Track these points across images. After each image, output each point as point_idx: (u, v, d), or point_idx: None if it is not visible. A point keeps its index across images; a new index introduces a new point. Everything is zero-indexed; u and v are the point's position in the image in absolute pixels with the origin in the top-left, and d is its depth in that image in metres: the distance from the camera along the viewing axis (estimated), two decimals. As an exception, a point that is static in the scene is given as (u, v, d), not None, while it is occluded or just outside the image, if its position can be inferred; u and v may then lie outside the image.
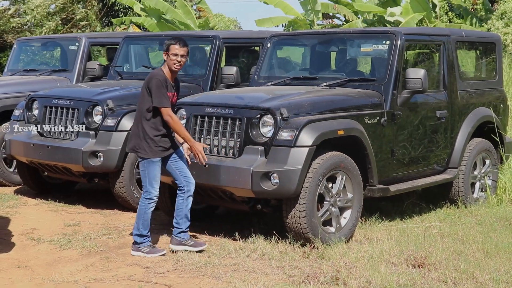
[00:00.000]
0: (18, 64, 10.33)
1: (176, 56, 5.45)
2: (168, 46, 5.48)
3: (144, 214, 5.57)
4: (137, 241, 5.59)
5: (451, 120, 7.11)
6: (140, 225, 5.58)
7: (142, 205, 5.58)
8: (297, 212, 5.57)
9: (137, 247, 5.60)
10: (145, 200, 5.57)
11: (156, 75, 5.46)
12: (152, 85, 5.41)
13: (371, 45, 6.86)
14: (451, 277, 4.92)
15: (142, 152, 5.49)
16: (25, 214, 7.15)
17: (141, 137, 5.48)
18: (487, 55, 8.08)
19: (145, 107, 5.45)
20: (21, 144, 7.52)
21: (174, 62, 5.46)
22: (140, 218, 5.58)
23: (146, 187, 5.55)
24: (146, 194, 5.56)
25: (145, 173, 5.53)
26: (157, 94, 5.39)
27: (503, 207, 7.33)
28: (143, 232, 5.59)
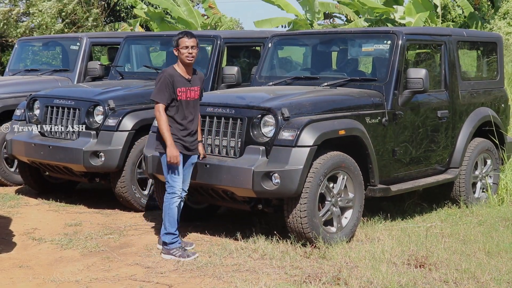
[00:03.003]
0: (20, 64, 10.34)
1: (187, 49, 5.43)
2: (177, 41, 5.47)
3: (168, 210, 5.47)
4: (166, 241, 5.46)
5: (452, 120, 7.10)
6: (166, 223, 5.48)
7: (166, 201, 5.50)
8: (298, 212, 5.57)
9: (168, 250, 5.44)
10: (168, 195, 5.49)
11: (164, 71, 5.48)
12: (156, 80, 5.48)
13: (372, 45, 6.86)
14: (453, 277, 4.91)
15: (162, 147, 5.46)
16: (26, 214, 7.15)
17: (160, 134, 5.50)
18: (488, 55, 8.08)
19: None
20: (22, 144, 7.52)
21: (186, 55, 5.43)
22: (165, 215, 5.48)
23: (168, 182, 5.50)
24: (169, 189, 5.50)
25: (166, 168, 5.49)
26: (156, 89, 5.42)
27: (504, 207, 7.32)
28: (171, 230, 5.47)
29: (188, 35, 5.49)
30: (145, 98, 7.38)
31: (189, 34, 5.51)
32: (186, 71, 5.51)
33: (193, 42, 5.47)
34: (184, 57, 5.45)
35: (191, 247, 5.68)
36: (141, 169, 7.04)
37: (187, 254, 5.44)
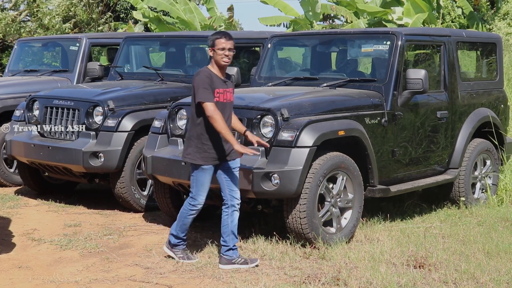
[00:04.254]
0: (19, 64, 10.33)
1: (224, 50, 5.17)
2: (213, 41, 5.18)
3: (184, 218, 5.33)
4: (171, 241, 5.41)
5: (452, 120, 7.10)
6: (178, 227, 5.37)
7: (185, 209, 5.33)
8: (297, 213, 5.57)
9: (170, 248, 5.42)
10: (189, 205, 5.31)
11: (200, 72, 5.19)
12: (195, 82, 5.13)
13: (372, 46, 6.86)
14: (452, 278, 4.91)
15: (191, 157, 5.19)
16: (25, 214, 7.15)
17: (191, 141, 5.20)
18: (487, 55, 8.08)
19: (194, 109, 5.18)
20: (21, 144, 7.52)
21: (222, 57, 5.15)
22: (180, 220, 5.35)
23: (193, 193, 5.28)
24: (192, 200, 5.28)
25: (193, 179, 5.24)
26: (200, 89, 5.07)
27: (503, 208, 7.32)
28: (179, 234, 5.38)
29: (226, 36, 5.22)
30: (144, 98, 7.40)
31: (227, 35, 5.24)
32: (221, 72, 5.23)
33: (231, 45, 5.20)
34: (220, 59, 5.16)
35: (256, 262, 5.27)
36: (141, 169, 7.03)
37: (187, 256, 5.39)
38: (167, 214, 6.75)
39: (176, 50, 8.73)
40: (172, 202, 6.60)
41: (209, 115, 5.06)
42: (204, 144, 5.15)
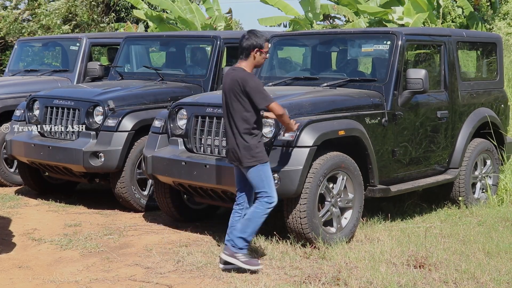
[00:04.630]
0: (19, 64, 10.34)
1: (267, 53, 5.20)
2: (263, 44, 5.07)
3: (259, 218, 5.09)
4: (239, 245, 5.08)
5: (452, 120, 7.10)
6: (250, 229, 5.10)
7: (260, 209, 5.08)
8: (298, 213, 5.57)
9: (233, 253, 5.07)
10: (267, 204, 5.07)
11: (247, 75, 5.00)
12: (251, 87, 4.95)
13: (372, 45, 6.86)
14: (452, 278, 4.91)
15: (258, 158, 5.02)
16: (26, 214, 7.15)
17: (247, 146, 5.01)
18: (488, 55, 8.08)
19: (243, 112, 5.00)
20: (22, 144, 7.52)
21: (264, 58, 5.15)
22: (253, 221, 5.09)
23: (267, 192, 5.06)
24: (268, 198, 5.07)
25: (262, 178, 5.05)
26: (263, 92, 4.97)
27: (504, 208, 7.32)
28: (248, 238, 5.14)
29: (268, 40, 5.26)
30: (145, 98, 7.39)
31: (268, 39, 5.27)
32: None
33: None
34: (263, 60, 5.15)
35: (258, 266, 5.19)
36: (141, 169, 7.03)
37: (253, 262, 5.11)
38: (167, 214, 6.75)
39: (176, 50, 8.74)
40: (172, 202, 6.60)
41: (281, 113, 5.08)
42: (260, 142, 5.11)
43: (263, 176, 5.08)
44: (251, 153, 5.03)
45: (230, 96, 5.06)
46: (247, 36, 5.11)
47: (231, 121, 5.08)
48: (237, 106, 5.02)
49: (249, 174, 5.09)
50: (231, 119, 5.08)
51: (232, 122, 5.07)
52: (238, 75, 5.03)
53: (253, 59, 5.11)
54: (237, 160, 5.10)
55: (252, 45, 5.08)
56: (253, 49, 5.07)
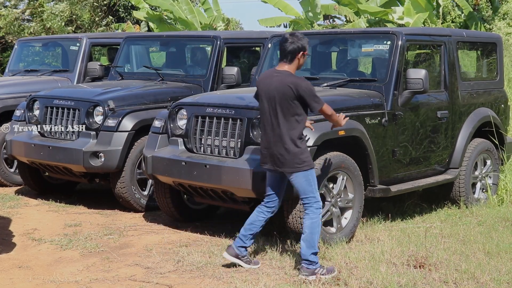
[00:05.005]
0: (19, 64, 10.34)
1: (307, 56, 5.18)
2: (306, 46, 5.03)
3: (318, 226, 4.98)
4: (314, 260, 4.93)
5: (452, 120, 7.10)
6: (316, 241, 4.96)
7: (315, 218, 4.97)
8: (298, 213, 5.57)
9: (312, 271, 4.90)
10: (318, 210, 5.00)
11: (299, 79, 4.93)
12: (305, 90, 4.86)
13: (372, 45, 6.86)
14: (452, 278, 4.91)
15: (306, 164, 4.95)
16: (26, 214, 7.15)
17: (297, 151, 4.92)
18: (488, 55, 8.08)
19: (294, 117, 4.91)
20: (22, 144, 7.52)
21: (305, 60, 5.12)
22: (315, 232, 4.95)
23: (315, 197, 5.00)
24: (317, 203, 4.99)
25: (310, 183, 4.97)
26: (316, 96, 4.90)
27: (504, 207, 7.32)
28: (317, 249, 5.00)
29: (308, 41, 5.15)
30: (145, 98, 7.39)
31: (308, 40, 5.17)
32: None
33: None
34: (302, 64, 5.12)
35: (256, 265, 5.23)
36: (141, 169, 7.03)
37: (329, 269, 4.98)
38: (168, 214, 6.75)
39: (177, 50, 8.74)
40: (173, 202, 6.60)
41: (331, 113, 5.05)
42: (306, 146, 5.07)
43: (311, 181, 5.00)
44: (301, 158, 4.93)
45: (277, 100, 4.92)
46: (292, 40, 5.00)
47: (277, 126, 4.94)
48: (287, 110, 4.90)
49: (296, 179, 4.97)
50: (276, 123, 4.94)
51: (278, 127, 4.94)
52: (289, 80, 4.91)
53: (297, 62, 5.04)
54: (283, 166, 4.95)
55: (298, 48, 5.00)
56: (298, 52, 5.00)
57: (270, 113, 4.98)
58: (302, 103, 4.92)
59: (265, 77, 5.09)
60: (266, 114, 5.02)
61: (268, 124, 5.01)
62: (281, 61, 5.05)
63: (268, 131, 5.02)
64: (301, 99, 4.90)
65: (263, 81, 5.07)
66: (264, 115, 5.05)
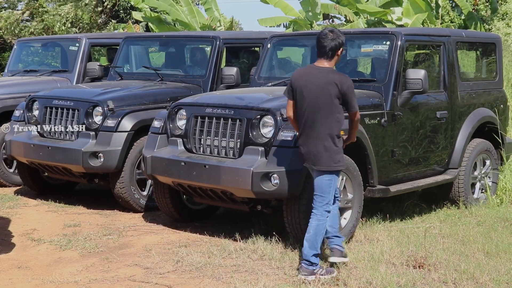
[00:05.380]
0: (19, 64, 10.33)
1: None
2: (343, 44, 5.02)
3: (323, 228, 4.97)
4: (315, 261, 4.90)
5: (452, 120, 7.10)
6: (319, 242, 4.94)
7: (323, 220, 4.95)
8: (297, 213, 5.57)
9: (312, 270, 4.88)
10: (326, 213, 4.97)
11: (344, 76, 4.93)
12: (350, 88, 4.85)
13: (371, 46, 6.86)
14: (452, 278, 4.92)
15: (339, 165, 4.92)
16: (25, 214, 7.15)
17: (335, 149, 4.90)
18: (487, 55, 8.08)
19: (336, 114, 4.86)
20: (21, 144, 7.52)
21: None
22: (320, 234, 4.93)
23: (329, 200, 4.97)
24: (326, 206, 4.95)
25: (330, 184, 4.95)
26: (354, 98, 4.89)
27: (503, 208, 7.32)
28: (319, 251, 4.98)
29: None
30: (144, 99, 7.39)
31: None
32: None
33: None
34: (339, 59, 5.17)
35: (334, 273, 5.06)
36: (140, 170, 7.03)
37: (329, 270, 4.97)
38: (167, 214, 6.75)
39: (176, 50, 8.74)
40: (172, 202, 6.60)
41: (358, 118, 5.08)
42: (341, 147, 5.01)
43: (333, 184, 4.97)
44: (337, 158, 4.90)
45: (320, 96, 4.86)
46: (333, 36, 4.96)
47: (317, 123, 4.88)
48: (329, 107, 4.85)
49: (322, 177, 4.94)
50: (316, 120, 4.88)
51: (318, 124, 4.88)
52: (334, 76, 4.89)
53: (337, 58, 5.02)
54: (317, 163, 4.91)
55: (339, 44, 4.97)
56: (338, 48, 4.97)
57: (310, 110, 4.91)
58: (344, 101, 4.88)
59: (304, 73, 5.01)
60: (305, 110, 4.95)
61: (307, 121, 4.95)
62: (321, 57, 5.00)
63: (306, 128, 4.97)
64: (344, 96, 4.86)
65: (302, 77, 4.99)
66: (302, 111, 4.98)
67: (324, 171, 4.92)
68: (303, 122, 4.99)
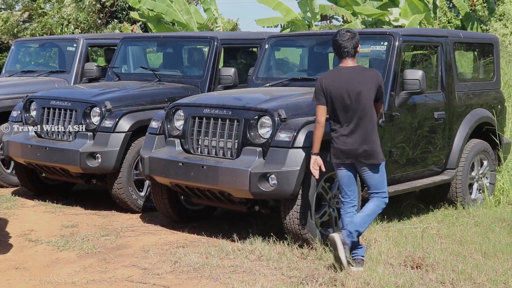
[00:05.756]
0: (16, 65, 10.32)
1: None
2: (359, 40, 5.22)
3: (375, 216, 5.18)
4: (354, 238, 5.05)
5: (449, 121, 7.11)
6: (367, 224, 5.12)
7: (379, 206, 5.15)
8: (295, 213, 5.57)
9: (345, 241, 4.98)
10: (384, 204, 5.18)
11: (374, 70, 5.26)
12: (382, 82, 5.13)
13: (369, 46, 6.85)
14: (449, 278, 4.92)
15: (381, 155, 5.12)
16: (22, 215, 7.14)
17: (375, 141, 5.08)
18: (484, 56, 8.09)
19: (371, 109, 5.08)
20: (18, 145, 7.50)
21: None
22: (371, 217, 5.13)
23: (386, 192, 5.18)
24: (386, 198, 5.19)
25: (384, 176, 5.16)
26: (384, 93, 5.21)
27: (501, 208, 7.33)
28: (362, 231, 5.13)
29: None
30: (142, 99, 7.39)
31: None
32: None
33: None
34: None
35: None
36: (138, 170, 7.02)
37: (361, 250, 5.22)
38: (165, 215, 6.75)
39: (174, 50, 8.73)
40: (170, 203, 6.60)
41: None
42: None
43: (385, 174, 5.19)
44: (380, 150, 5.11)
45: (363, 94, 5.02)
46: (351, 35, 5.13)
47: (363, 120, 5.04)
48: (371, 103, 5.06)
49: (375, 171, 5.11)
50: (360, 117, 5.04)
51: (366, 121, 5.05)
52: (370, 73, 5.11)
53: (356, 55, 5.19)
54: (370, 158, 5.05)
55: (358, 41, 5.16)
56: (358, 45, 5.16)
57: (354, 109, 5.03)
58: (379, 93, 5.11)
59: (336, 77, 5.11)
60: (347, 111, 5.06)
61: (351, 120, 5.06)
62: (345, 58, 5.13)
63: (350, 127, 5.07)
64: (379, 90, 5.10)
65: (335, 81, 5.09)
66: (343, 113, 5.07)
67: (377, 164, 5.10)
68: (345, 123, 5.09)
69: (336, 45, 5.14)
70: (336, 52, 5.19)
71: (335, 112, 5.12)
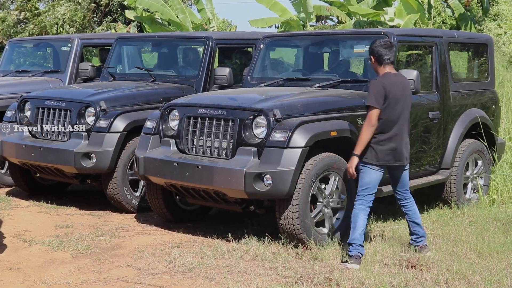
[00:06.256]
0: (10, 65, 10.29)
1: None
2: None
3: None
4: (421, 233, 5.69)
5: (444, 121, 7.12)
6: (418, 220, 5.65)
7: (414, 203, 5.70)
8: (290, 213, 5.57)
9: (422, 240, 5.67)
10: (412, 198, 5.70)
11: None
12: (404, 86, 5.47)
13: (364, 46, 6.86)
14: (444, 278, 4.93)
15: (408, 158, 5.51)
16: (17, 215, 7.12)
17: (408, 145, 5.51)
18: (479, 56, 8.11)
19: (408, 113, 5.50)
20: (13, 145, 7.48)
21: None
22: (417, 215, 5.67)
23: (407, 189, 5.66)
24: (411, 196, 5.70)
25: (407, 176, 5.60)
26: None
27: (495, 208, 7.35)
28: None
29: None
30: (136, 99, 7.38)
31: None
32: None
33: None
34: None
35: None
36: (133, 170, 7.01)
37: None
38: (160, 215, 6.74)
39: (168, 50, 8.72)
40: (165, 203, 6.59)
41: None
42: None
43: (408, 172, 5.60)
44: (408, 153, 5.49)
45: (408, 99, 5.42)
46: (390, 43, 5.46)
47: (406, 124, 5.42)
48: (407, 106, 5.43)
49: (405, 171, 5.55)
50: (405, 121, 5.41)
51: (407, 124, 5.44)
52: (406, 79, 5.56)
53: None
54: (406, 159, 5.45)
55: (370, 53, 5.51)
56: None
57: (404, 113, 5.39)
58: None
59: (395, 81, 5.37)
60: (399, 115, 5.36)
61: (399, 123, 5.36)
62: (390, 64, 5.43)
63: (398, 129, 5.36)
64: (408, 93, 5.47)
65: (395, 85, 5.35)
66: (396, 116, 5.34)
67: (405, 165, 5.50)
68: (395, 126, 5.35)
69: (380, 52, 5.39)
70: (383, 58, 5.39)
71: (386, 115, 5.31)
